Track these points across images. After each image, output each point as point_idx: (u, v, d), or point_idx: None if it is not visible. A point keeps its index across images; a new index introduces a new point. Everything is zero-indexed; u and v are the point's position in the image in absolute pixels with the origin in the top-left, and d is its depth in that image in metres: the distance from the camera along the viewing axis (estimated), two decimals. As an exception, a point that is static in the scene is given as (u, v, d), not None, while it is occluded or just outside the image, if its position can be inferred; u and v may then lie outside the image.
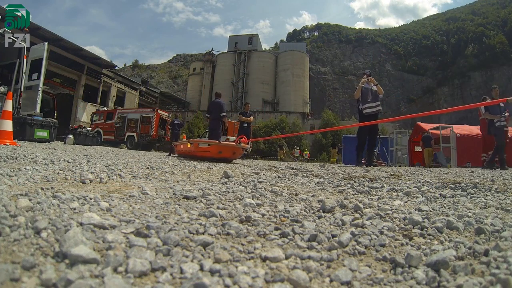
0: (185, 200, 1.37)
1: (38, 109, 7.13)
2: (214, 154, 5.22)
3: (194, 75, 50.11)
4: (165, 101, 36.82)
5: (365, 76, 5.93)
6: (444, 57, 73.44)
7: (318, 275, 0.67)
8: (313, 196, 1.58)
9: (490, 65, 63.56)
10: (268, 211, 1.20)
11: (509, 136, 7.31)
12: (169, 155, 6.72)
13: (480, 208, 1.34)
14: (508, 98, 3.11)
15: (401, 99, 71.23)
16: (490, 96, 6.77)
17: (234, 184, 1.95)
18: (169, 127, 15.40)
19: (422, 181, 2.47)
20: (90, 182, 1.75)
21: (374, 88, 5.82)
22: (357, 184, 2.05)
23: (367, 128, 5.75)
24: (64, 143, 8.87)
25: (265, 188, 1.78)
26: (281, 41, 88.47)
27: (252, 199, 1.42)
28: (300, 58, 45.12)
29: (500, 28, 68.23)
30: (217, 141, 5.59)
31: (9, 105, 5.12)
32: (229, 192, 1.59)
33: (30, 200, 1.08)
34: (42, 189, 1.34)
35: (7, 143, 4.53)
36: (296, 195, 1.59)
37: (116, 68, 28.00)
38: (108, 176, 2.01)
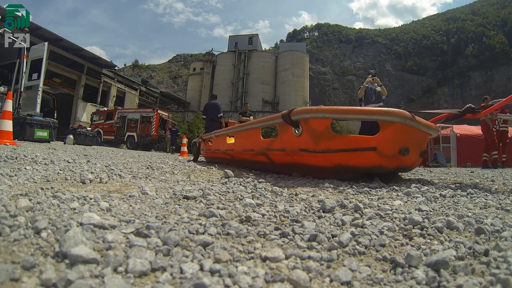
0: (185, 200, 1.37)
1: (38, 109, 7.15)
2: (389, 161, 2.12)
3: (194, 75, 50.11)
4: (165, 101, 36.83)
5: (370, 76, 5.91)
6: (444, 57, 73.44)
7: (318, 275, 0.67)
8: (313, 196, 1.58)
9: (490, 65, 63.54)
10: (268, 211, 1.20)
11: (509, 136, 7.34)
12: (195, 160, 5.11)
13: (480, 208, 1.34)
14: None
15: (401, 99, 71.18)
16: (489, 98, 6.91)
17: (234, 184, 1.95)
18: (169, 134, 16.74)
19: (422, 181, 2.47)
20: (90, 182, 1.75)
21: (378, 88, 5.80)
22: (357, 184, 2.04)
23: (368, 128, 5.73)
24: (64, 143, 8.88)
25: (265, 188, 1.78)
26: (281, 41, 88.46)
27: (252, 199, 1.42)
28: (300, 58, 45.11)
29: (500, 28, 68.22)
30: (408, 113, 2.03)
31: (9, 105, 5.12)
32: (229, 192, 1.59)
33: (30, 200, 1.08)
34: (42, 189, 1.34)
35: (7, 143, 4.53)
36: (296, 195, 1.59)
37: (116, 68, 28.00)
38: (108, 176, 2.01)
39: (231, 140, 3.78)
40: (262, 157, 2.83)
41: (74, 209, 1.03)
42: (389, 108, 2.12)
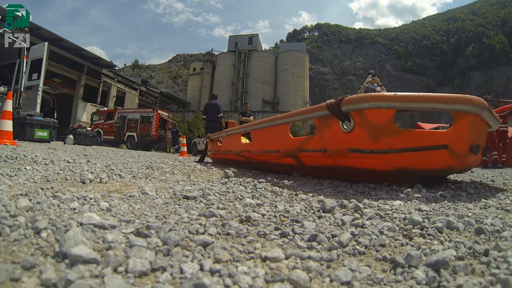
0: (185, 200, 1.37)
1: (38, 109, 7.15)
2: (460, 162, 1.82)
3: (194, 75, 50.13)
4: (165, 101, 36.84)
5: (370, 76, 5.92)
6: (444, 57, 73.43)
7: (318, 275, 0.67)
8: (313, 196, 1.58)
9: (490, 65, 63.50)
10: (268, 211, 1.20)
11: (509, 136, 7.34)
12: (200, 161, 4.76)
13: (480, 208, 1.34)
14: None
15: (401, 99, 70.78)
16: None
17: (234, 184, 1.95)
18: (170, 135, 16.73)
19: (422, 181, 2.46)
20: (90, 182, 1.75)
21: (378, 88, 5.81)
22: (357, 184, 2.04)
23: None
24: (64, 143, 8.87)
25: (265, 188, 1.78)
26: (281, 41, 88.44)
27: (252, 199, 1.42)
28: (300, 58, 45.12)
29: (500, 28, 68.19)
30: None
31: (9, 105, 5.12)
32: (229, 192, 1.59)
33: (30, 200, 1.08)
34: (42, 189, 1.34)
35: (7, 143, 4.53)
36: (296, 195, 1.59)
37: (116, 68, 27.99)
38: (108, 176, 2.01)
39: (243, 140, 3.37)
40: (289, 159, 2.41)
41: (74, 209, 1.03)
42: (467, 95, 1.74)
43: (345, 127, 1.91)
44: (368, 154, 1.82)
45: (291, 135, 2.44)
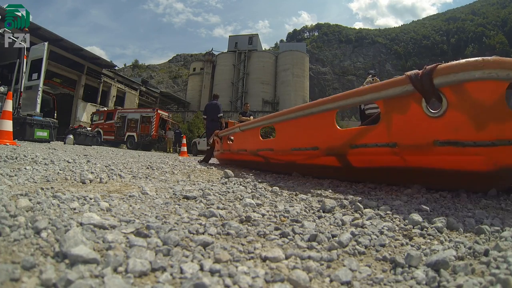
0: (185, 200, 1.37)
1: (38, 109, 7.14)
2: None
3: (194, 75, 50.13)
4: (165, 101, 36.85)
5: (370, 76, 5.92)
6: (444, 57, 73.43)
7: (318, 275, 0.67)
8: (313, 196, 1.58)
9: (490, 65, 63.46)
10: (268, 211, 1.20)
11: None
12: (204, 161, 4.73)
13: (480, 208, 1.34)
14: None
15: (401, 99, 70.71)
16: None
17: (234, 184, 1.95)
18: (171, 135, 16.98)
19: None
20: (90, 182, 1.75)
21: None
22: (357, 184, 2.04)
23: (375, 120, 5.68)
24: (64, 143, 8.87)
25: (265, 188, 1.78)
26: (281, 41, 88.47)
27: (252, 199, 1.42)
28: (300, 58, 45.13)
29: (500, 28, 68.22)
30: None
31: (9, 105, 5.11)
32: (229, 192, 1.59)
33: (30, 200, 1.08)
34: (42, 189, 1.34)
35: (7, 143, 4.53)
36: (296, 195, 1.59)
37: (116, 68, 27.97)
38: (108, 176, 2.01)
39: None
40: (329, 158, 1.93)
41: (74, 209, 1.03)
42: None
43: (431, 110, 1.37)
44: (468, 147, 1.29)
45: (337, 127, 1.89)
